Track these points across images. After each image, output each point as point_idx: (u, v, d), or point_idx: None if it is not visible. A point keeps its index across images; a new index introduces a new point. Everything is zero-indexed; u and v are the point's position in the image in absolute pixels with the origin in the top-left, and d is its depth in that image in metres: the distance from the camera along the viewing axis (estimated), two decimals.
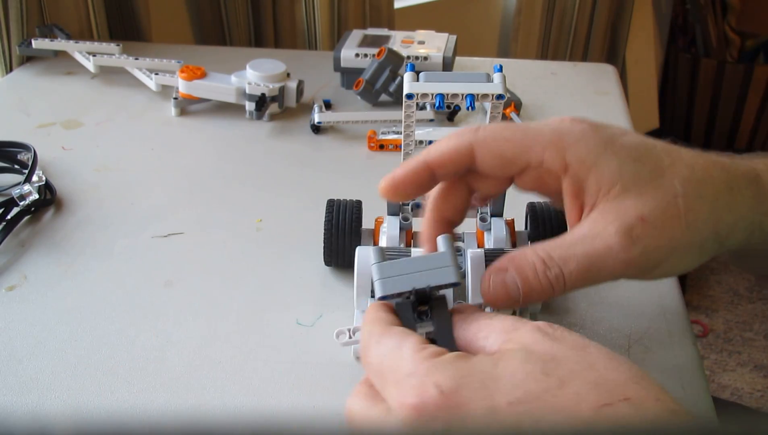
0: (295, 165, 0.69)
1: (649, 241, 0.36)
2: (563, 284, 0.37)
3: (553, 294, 0.37)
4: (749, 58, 2.01)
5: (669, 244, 0.37)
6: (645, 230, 0.36)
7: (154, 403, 0.42)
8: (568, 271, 0.37)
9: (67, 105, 0.80)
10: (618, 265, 0.36)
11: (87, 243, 0.57)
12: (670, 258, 0.37)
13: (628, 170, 0.37)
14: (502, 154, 0.38)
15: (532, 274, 0.37)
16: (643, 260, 0.36)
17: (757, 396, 1.51)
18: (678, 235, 0.37)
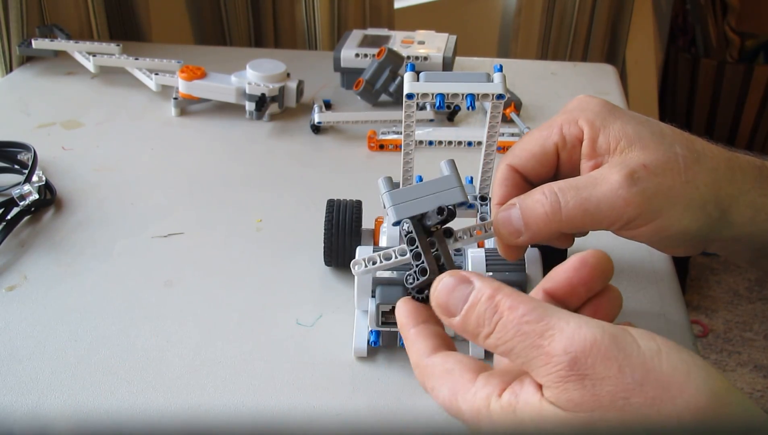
0: (295, 165, 0.69)
1: (649, 184, 0.37)
2: (559, 212, 0.38)
3: (549, 223, 0.38)
4: (749, 58, 2.01)
5: (668, 193, 0.38)
6: (646, 174, 0.37)
7: (154, 403, 0.42)
8: (564, 201, 0.38)
9: (67, 105, 0.80)
10: (618, 202, 0.37)
11: (87, 243, 0.57)
12: (670, 208, 0.38)
13: (632, 129, 0.39)
14: (534, 152, 0.41)
15: (537, 206, 0.39)
16: (641, 201, 0.37)
17: (757, 396, 1.51)
18: (677, 187, 0.38)
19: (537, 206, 0.39)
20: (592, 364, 0.28)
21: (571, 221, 0.38)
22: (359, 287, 0.45)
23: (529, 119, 0.78)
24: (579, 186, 0.38)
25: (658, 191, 0.37)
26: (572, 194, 0.38)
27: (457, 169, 0.41)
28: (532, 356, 0.30)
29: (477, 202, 0.51)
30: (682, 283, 1.76)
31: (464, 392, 0.32)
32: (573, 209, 0.38)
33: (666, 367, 0.28)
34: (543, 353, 0.30)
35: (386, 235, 0.50)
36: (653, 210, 0.38)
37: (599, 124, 0.40)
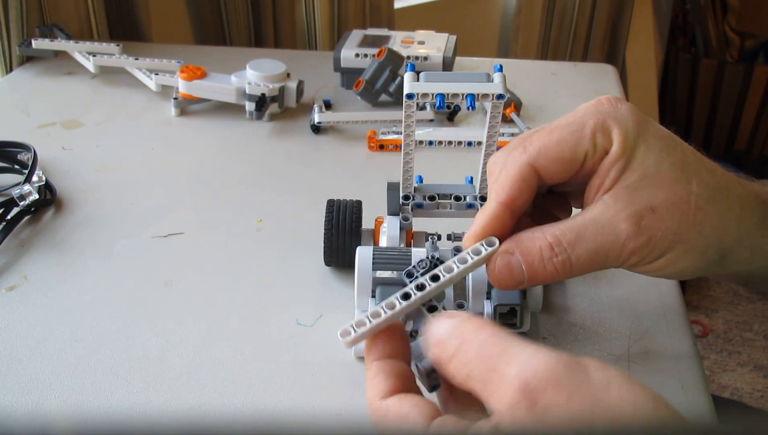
0: (295, 165, 0.69)
1: (655, 231, 0.37)
2: (570, 270, 0.37)
3: (558, 278, 0.38)
4: (749, 58, 2.01)
5: (673, 237, 0.37)
6: (653, 220, 0.37)
7: (154, 403, 0.42)
8: (576, 257, 0.37)
9: (67, 105, 0.80)
10: (624, 252, 0.37)
11: (87, 243, 0.57)
12: (671, 251, 0.38)
13: (653, 160, 0.38)
14: (561, 157, 0.38)
15: (538, 259, 0.37)
16: (647, 248, 0.37)
17: (757, 396, 1.51)
18: (683, 231, 0.37)
19: (548, 265, 0.37)
20: (543, 390, 0.28)
21: (578, 271, 0.38)
22: (359, 287, 0.45)
23: (529, 119, 0.78)
24: (587, 236, 0.37)
25: (663, 237, 0.37)
26: (582, 248, 0.37)
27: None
28: (489, 379, 0.30)
29: (477, 202, 0.51)
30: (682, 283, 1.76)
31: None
32: (583, 263, 0.37)
33: (614, 398, 0.28)
34: (498, 375, 0.29)
35: (386, 235, 0.50)
36: (656, 254, 0.38)
37: (631, 147, 0.38)
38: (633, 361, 0.45)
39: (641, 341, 0.47)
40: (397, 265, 0.45)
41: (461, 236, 0.52)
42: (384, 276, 0.45)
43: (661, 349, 0.46)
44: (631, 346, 0.47)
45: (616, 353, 0.46)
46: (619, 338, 0.47)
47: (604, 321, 0.49)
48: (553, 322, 0.49)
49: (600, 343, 0.47)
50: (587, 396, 0.28)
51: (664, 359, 0.46)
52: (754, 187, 0.41)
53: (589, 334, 0.48)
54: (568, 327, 0.48)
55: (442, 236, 0.52)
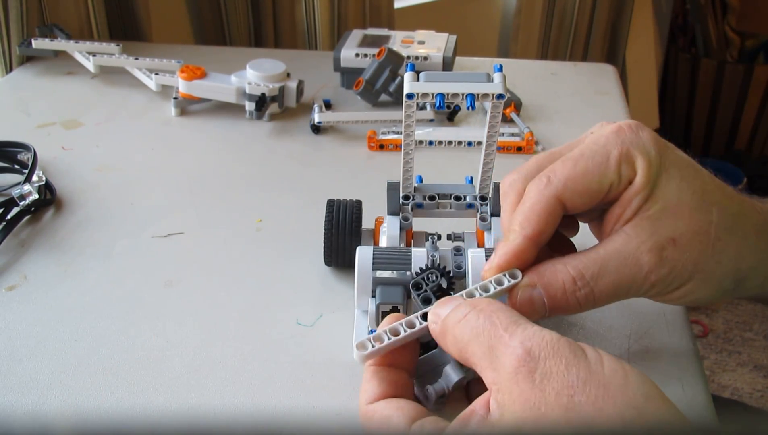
0: (295, 165, 0.69)
1: (676, 263, 0.38)
2: (592, 302, 0.38)
3: (580, 311, 0.38)
4: (749, 58, 2.01)
5: (693, 268, 0.38)
6: (674, 252, 0.37)
7: (154, 403, 0.42)
8: (598, 290, 0.38)
9: (67, 105, 0.80)
10: (646, 284, 0.38)
11: (87, 243, 0.57)
12: (690, 281, 0.38)
13: (674, 190, 0.38)
14: (587, 189, 0.38)
15: (561, 292, 0.38)
16: (668, 279, 0.38)
17: (757, 396, 1.51)
18: (702, 262, 0.38)
19: (570, 299, 0.38)
20: (544, 359, 0.30)
21: (600, 303, 0.39)
22: (359, 287, 0.45)
23: (529, 119, 0.78)
24: (610, 269, 0.38)
25: (684, 268, 0.38)
26: (605, 281, 0.38)
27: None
28: (493, 344, 0.32)
29: (477, 202, 0.51)
30: None
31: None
32: (605, 295, 0.38)
33: (607, 371, 0.30)
34: (502, 343, 0.32)
35: (386, 235, 0.50)
36: (676, 284, 0.38)
37: (654, 177, 0.38)
38: (633, 361, 0.45)
39: (641, 341, 0.47)
40: (397, 265, 0.45)
41: (461, 236, 0.52)
42: (384, 276, 0.45)
43: (661, 349, 0.46)
44: (631, 346, 0.47)
45: (616, 353, 0.46)
46: (619, 338, 0.47)
47: (604, 321, 0.49)
48: (554, 322, 0.49)
49: (600, 343, 0.47)
50: (583, 368, 0.30)
51: (664, 359, 0.46)
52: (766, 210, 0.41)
53: (589, 334, 0.48)
54: (568, 327, 0.48)
55: (442, 236, 0.52)
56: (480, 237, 0.50)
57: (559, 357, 0.30)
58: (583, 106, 0.83)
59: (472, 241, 0.51)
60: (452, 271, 0.47)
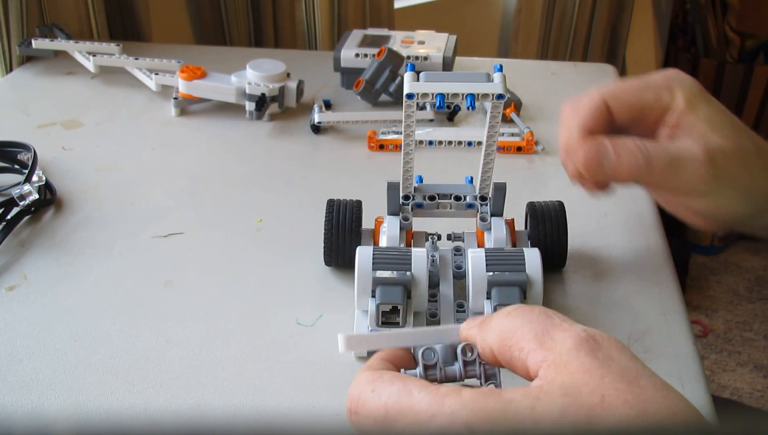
0: (295, 165, 0.69)
1: (722, 169, 0.43)
2: (649, 168, 0.43)
3: (636, 174, 0.44)
4: (749, 58, 2.01)
5: (733, 180, 0.44)
6: (722, 159, 0.44)
7: (154, 403, 0.42)
8: (657, 159, 0.43)
9: (67, 105, 0.80)
10: (695, 175, 0.43)
11: (87, 243, 0.57)
12: (730, 192, 0.44)
13: (718, 117, 0.45)
14: (629, 100, 0.45)
15: (626, 149, 0.43)
16: (712, 180, 0.43)
17: (757, 396, 1.51)
18: (741, 176, 0.44)
19: (637, 154, 0.43)
20: (607, 346, 0.30)
21: (654, 176, 0.44)
22: (359, 287, 0.46)
23: (529, 119, 0.78)
24: (669, 151, 0.43)
25: (726, 175, 0.44)
26: (664, 157, 0.43)
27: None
28: (548, 329, 0.30)
29: (477, 202, 0.51)
30: (682, 283, 1.76)
31: (421, 386, 0.30)
32: (661, 168, 0.43)
33: (651, 375, 0.29)
34: (561, 329, 0.30)
35: (386, 235, 0.50)
36: (718, 191, 0.44)
37: (694, 103, 0.45)
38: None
39: (641, 341, 0.47)
40: (397, 266, 0.45)
41: (461, 236, 0.52)
42: (384, 276, 0.45)
43: (661, 349, 0.46)
44: (631, 346, 0.47)
45: None
46: (619, 338, 0.47)
47: (604, 321, 0.49)
48: None
49: None
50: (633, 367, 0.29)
51: (664, 359, 0.46)
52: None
53: None
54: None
55: (442, 236, 0.52)
56: (480, 237, 0.50)
57: (620, 348, 0.30)
58: None
59: (472, 241, 0.51)
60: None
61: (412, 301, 0.45)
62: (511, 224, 0.51)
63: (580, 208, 0.59)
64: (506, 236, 0.49)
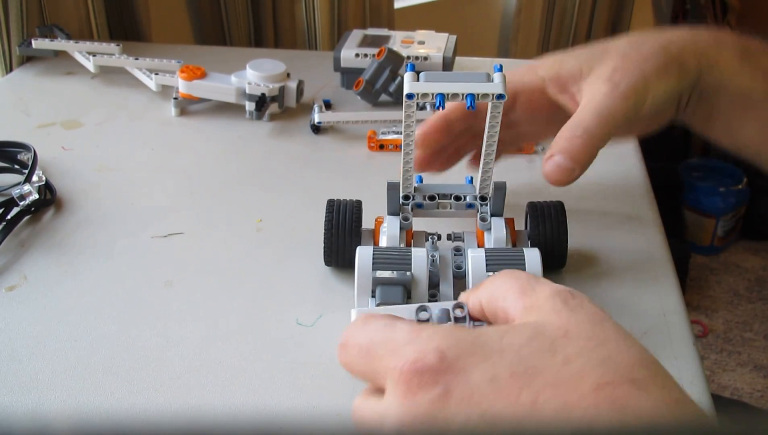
0: (295, 165, 0.69)
1: (624, 77, 0.49)
2: (592, 139, 0.48)
3: (591, 149, 0.48)
4: None
5: (638, 73, 0.49)
6: (618, 73, 0.49)
7: (154, 403, 0.42)
8: (590, 129, 0.48)
9: (67, 105, 0.80)
10: (617, 105, 0.48)
11: (87, 243, 0.57)
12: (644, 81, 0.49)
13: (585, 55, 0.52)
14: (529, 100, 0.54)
15: (571, 146, 0.48)
16: (630, 91, 0.48)
17: (757, 396, 1.51)
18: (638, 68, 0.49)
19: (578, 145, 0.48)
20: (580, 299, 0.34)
21: (601, 141, 0.48)
22: (359, 287, 0.46)
23: None
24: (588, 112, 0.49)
25: (631, 76, 0.49)
26: (590, 119, 0.48)
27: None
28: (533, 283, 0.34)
29: (477, 202, 0.51)
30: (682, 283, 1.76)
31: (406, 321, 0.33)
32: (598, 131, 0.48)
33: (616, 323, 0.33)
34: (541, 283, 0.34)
35: (386, 235, 0.50)
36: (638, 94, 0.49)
37: (558, 67, 0.52)
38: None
39: (641, 341, 0.47)
40: (397, 266, 0.45)
41: (461, 236, 0.52)
42: (384, 276, 0.45)
43: (661, 349, 0.46)
44: None
45: None
46: None
47: None
48: None
49: None
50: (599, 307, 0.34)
51: (664, 359, 0.45)
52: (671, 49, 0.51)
53: None
54: None
55: (442, 236, 0.52)
56: (480, 237, 0.50)
57: (594, 303, 0.33)
58: None
59: (472, 241, 0.51)
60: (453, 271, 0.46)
61: (411, 301, 0.45)
62: (511, 224, 0.51)
63: (580, 208, 0.59)
64: (506, 236, 0.49)
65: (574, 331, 0.31)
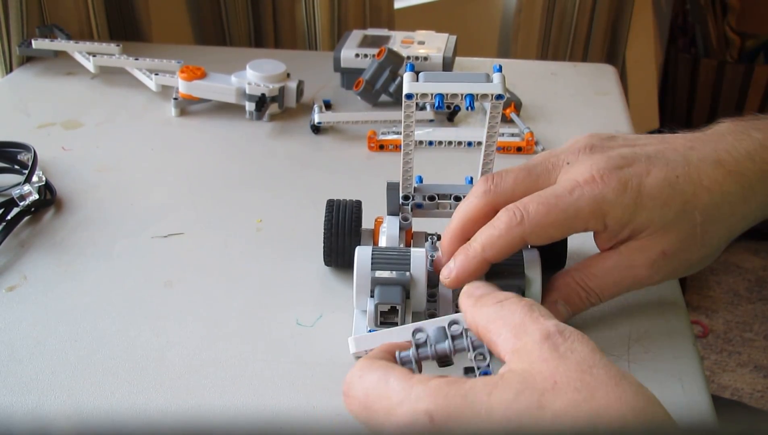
0: (295, 165, 0.69)
1: (668, 268, 0.44)
2: (599, 302, 0.46)
3: (590, 307, 0.46)
4: (749, 58, 2.01)
5: (686, 265, 0.45)
6: (665, 261, 0.43)
7: (154, 403, 0.42)
8: (603, 297, 0.45)
9: (67, 105, 0.80)
10: (643, 286, 0.45)
11: (87, 243, 0.57)
12: (687, 271, 0.45)
13: (655, 217, 0.43)
14: (551, 236, 0.44)
15: (578, 300, 0.45)
16: (663, 279, 0.45)
17: (757, 396, 1.51)
18: (694, 256, 0.44)
19: (585, 304, 0.46)
20: (572, 340, 0.32)
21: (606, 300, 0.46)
22: (358, 287, 0.46)
23: (529, 119, 0.78)
24: (610, 282, 0.45)
25: (676, 268, 0.44)
26: (609, 292, 0.45)
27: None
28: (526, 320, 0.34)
29: None
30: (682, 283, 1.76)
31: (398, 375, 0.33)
32: (611, 297, 0.46)
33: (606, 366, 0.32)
34: (535, 321, 0.34)
35: (386, 235, 0.50)
36: (672, 278, 0.46)
37: (626, 221, 0.43)
38: (633, 361, 0.45)
39: (641, 341, 0.47)
40: (396, 266, 0.45)
41: None
42: (383, 276, 0.45)
43: (661, 349, 0.46)
44: (631, 346, 0.47)
45: (616, 353, 0.46)
46: (619, 338, 0.47)
47: (603, 321, 0.49)
48: None
49: (600, 342, 0.47)
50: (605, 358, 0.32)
51: (664, 359, 0.46)
52: (755, 165, 0.44)
53: (589, 334, 0.47)
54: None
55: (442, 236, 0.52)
56: None
57: (586, 342, 0.33)
58: (583, 106, 0.83)
59: None
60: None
61: (410, 302, 0.45)
62: None
63: None
64: None
65: (563, 381, 0.30)
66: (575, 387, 0.30)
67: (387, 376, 0.33)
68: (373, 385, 0.33)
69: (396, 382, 0.32)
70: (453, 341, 0.37)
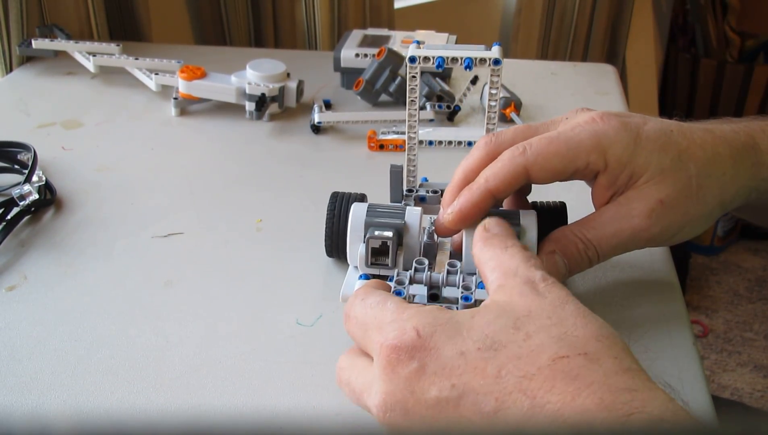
0: (295, 165, 0.69)
1: (666, 219, 0.44)
2: (598, 259, 0.45)
3: (590, 266, 0.45)
4: (749, 58, 2.01)
5: (683, 219, 0.45)
6: (663, 211, 0.44)
7: (154, 403, 0.42)
8: (602, 250, 0.45)
9: (67, 105, 0.80)
10: (641, 240, 0.45)
11: (87, 243, 0.57)
12: (684, 228, 0.45)
13: (653, 161, 0.44)
14: (554, 168, 0.44)
15: (575, 251, 0.45)
16: (662, 234, 0.45)
17: (757, 396, 1.51)
18: (691, 210, 0.44)
19: (583, 259, 0.45)
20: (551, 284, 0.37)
21: (605, 259, 0.46)
22: (352, 238, 0.45)
23: (529, 119, 0.78)
24: (608, 232, 0.44)
25: (674, 221, 0.44)
26: (607, 244, 0.45)
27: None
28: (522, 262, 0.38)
29: None
30: (682, 283, 1.76)
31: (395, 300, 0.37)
32: (608, 253, 0.45)
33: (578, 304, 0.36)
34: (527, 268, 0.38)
35: None
36: (670, 236, 0.45)
37: (626, 160, 0.44)
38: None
39: (641, 341, 0.47)
40: (390, 216, 0.45)
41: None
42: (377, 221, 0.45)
43: (661, 349, 0.46)
44: (631, 346, 0.46)
45: None
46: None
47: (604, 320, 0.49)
48: None
49: None
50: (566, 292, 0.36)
51: (664, 359, 0.46)
52: (740, 138, 0.46)
53: None
54: None
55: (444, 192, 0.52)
56: None
57: (564, 289, 0.36)
58: (583, 106, 0.83)
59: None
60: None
61: (402, 250, 0.45)
62: None
63: (581, 208, 0.59)
64: None
65: (537, 311, 0.34)
66: (547, 315, 0.34)
67: (386, 301, 0.37)
68: (372, 306, 0.37)
69: (393, 305, 0.36)
70: (447, 275, 0.42)
